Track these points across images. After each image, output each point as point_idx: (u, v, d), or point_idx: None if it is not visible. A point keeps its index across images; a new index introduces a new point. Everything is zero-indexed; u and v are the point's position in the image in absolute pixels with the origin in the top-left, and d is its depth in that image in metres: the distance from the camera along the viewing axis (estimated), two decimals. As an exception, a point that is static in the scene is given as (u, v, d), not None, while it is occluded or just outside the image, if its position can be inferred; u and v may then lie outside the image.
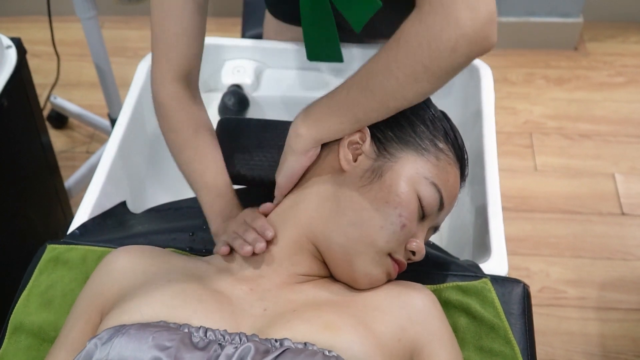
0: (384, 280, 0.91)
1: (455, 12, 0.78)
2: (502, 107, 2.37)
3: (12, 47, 1.51)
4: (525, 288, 1.00)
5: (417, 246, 0.89)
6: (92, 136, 2.34)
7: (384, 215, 0.87)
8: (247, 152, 1.10)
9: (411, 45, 0.81)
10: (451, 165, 0.93)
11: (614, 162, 2.21)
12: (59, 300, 1.01)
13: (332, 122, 0.90)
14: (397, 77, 0.83)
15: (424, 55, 0.81)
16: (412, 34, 0.81)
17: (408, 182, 0.88)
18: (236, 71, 1.44)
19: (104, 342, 0.75)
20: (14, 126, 1.56)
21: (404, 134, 0.92)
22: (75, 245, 1.06)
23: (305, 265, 0.91)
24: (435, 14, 0.79)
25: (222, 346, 0.76)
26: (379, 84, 0.85)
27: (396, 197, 0.87)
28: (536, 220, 2.06)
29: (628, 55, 2.58)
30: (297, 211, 0.92)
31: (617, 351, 1.76)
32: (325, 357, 0.74)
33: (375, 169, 0.89)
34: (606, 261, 1.96)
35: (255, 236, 0.91)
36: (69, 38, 2.38)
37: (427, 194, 0.89)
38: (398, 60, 0.82)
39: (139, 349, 0.73)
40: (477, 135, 1.31)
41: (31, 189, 1.68)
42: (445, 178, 0.91)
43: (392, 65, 0.83)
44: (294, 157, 0.93)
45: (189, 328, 0.78)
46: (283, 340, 0.77)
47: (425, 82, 0.83)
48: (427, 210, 0.89)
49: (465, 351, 0.94)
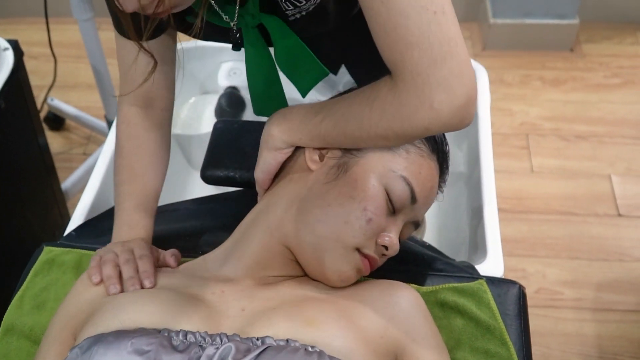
0: (355, 276, 0.89)
1: (430, 95, 0.75)
2: (498, 108, 2.37)
3: (9, 49, 1.51)
4: (521, 289, 1.00)
5: (389, 241, 0.88)
6: (89, 138, 2.34)
7: (349, 210, 0.86)
8: (242, 155, 1.10)
9: (385, 115, 0.80)
10: (424, 158, 0.91)
11: (610, 163, 2.21)
12: (51, 303, 1.01)
13: (302, 136, 0.91)
14: (369, 132, 0.83)
15: (397, 127, 0.80)
16: (386, 103, 0.80)
17: (374, 176, 0.88)
18: (232, 73, 1.45)
19: (84, 350, 0.76)
20: (11, 128, 1.56)
21: None
22: (71, 249, 1.06)
23: (277, 268, 0.92)
24: (408, 93, 0.76)
25: (203, 347, 0.76)
26: (351, 130, 0.85)
27: (362, 191, 0.87)
28: (532, 222, 2.06)
29: (624, 56, 2.58)
30: (267, 214, 0.93)
31: (614, 352, 1.77)
32: (308, 352, 0.74)
33: (341, 165, 0.90)
34: (602, 262, 1.96)
35: (132, 275, 0.90)
36: (66, 40, 2.38)
37: (395, 188, 0.88)
38: (371, 121, 0.82)
39: (118, 355, 0.74)
40: (473, 136, 1.32)
41: (28, 191, 1.68)
42: (416, 171, 0.89)
43: (364, 122, 0.83)
44: (269, 153, 0.94)
45: (169, 332, 0.78)
46: (264, 339, 0.77)
47: (394, 141, 0.84)
48: (397, 204, 0.88)
49: (460, 352, 0.94)
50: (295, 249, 0.90)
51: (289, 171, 0.95)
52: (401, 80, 0.76)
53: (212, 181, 1.11)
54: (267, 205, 0.94)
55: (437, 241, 1.37)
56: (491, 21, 2.56)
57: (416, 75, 0.75)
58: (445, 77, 0.74)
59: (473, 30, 2.70)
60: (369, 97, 0.82)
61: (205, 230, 1.07)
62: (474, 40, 2.67)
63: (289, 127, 0.92)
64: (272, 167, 0.95)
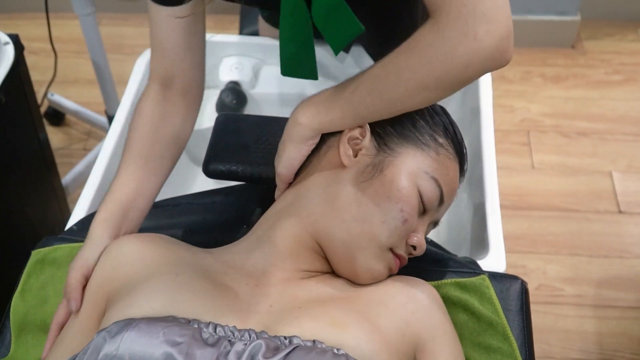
0: (386, 275, 0.90)
1: (474, 26, 0.76)
2: (500, 105, 2.37)
3: (10, 43, 1.51)
4: (523, 284, 1.00)
5: (418, 241, 0.89)
6: (89, 133, 2.34)
7: (386, 210, 0.87)
8: (245, 149, 1.10)
9: (425, 57, 0.80)
10: (450, 160, 0.93)
11: (611, 160, 2.21)
12: (53, 299, 1.01)
13: (334, 115, 0.90)
14: (407, 84, 0.83)
15: (437, 68, 0.80)
16: (426, 45, 0.80)
17: (409, 176, 0.88)
18: (234, 68, 1.44)
19: (113, 335, 0.75)
20: (11, 123, 1.56)
21: (404, 129, 0.91)
22: (59, 246, 1.05)
23: (307, 261, 0.91)
24: (452, 26, 0.77)
25: (232, 342, 0.76)
26: (388, 88, 0.84)
27: (397, 192, 0.87)
28: (533, 218, 2.06)
29: (625, 53, 2.58)
30: (299, 208, 0.92)
31: (614, 349, 1.77)
32: (335, 355, 0.74)
33: (376, 164, 0.89)
34: (603, 259, 1.96)
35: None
36: (67, 35, 2.37)
37: (427, 189, 0.89)
38: (410, 69, 0.82)
39: (150, 343, 0.73)
40: (475, 133, 1.31)
41: (28, 186, 1.68)
42: (445, 173, 0.91)
43: (403, 73, 0.82)
44: (293, 146, 0.93)
45: (199, 324, 0.78)
46: (292, 338, 0.77)
47: (434, 91, 0.83)
48: (427, 205, 0.89)
49: (463, 347, 0.94)
50: (326, 245, 0.90)
51: (317, 165, 0.94)
52: (445, 15, 0.78)
53: (214, 175, 1.10)
54: (297, 198, 0.93)
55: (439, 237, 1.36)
56: (492, 18, 2.55)
57: (462, 6, 0.76)
58: (489, 8, 0.76)
59: (474, 27, 2.70)
60: (408, 46, 0.82)
61: (207, 225, 1.06)
62: (475, 36, 2.66)
63: (316, 110, 0.91)
64: (296, 160, 0.94)
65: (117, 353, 0.73)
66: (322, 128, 0.92)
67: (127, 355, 0.73)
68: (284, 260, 0.90)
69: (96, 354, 0.74)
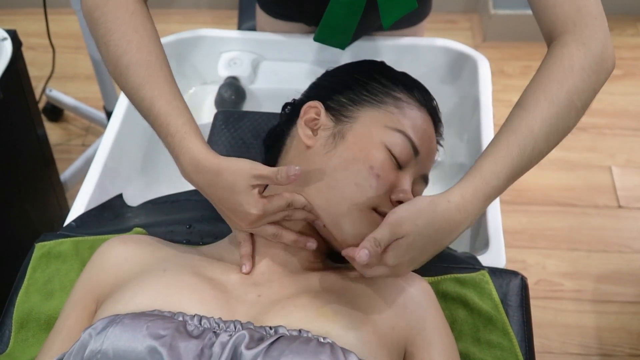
0: None
1: (602, 24, 0.85)
2: (499, 99, 2.35)
3: (8, 39, 1.50)
4: (523, 280, 1.00)
5: (405, 196, 0.87)
6: (87, 129, 2.33)
7: (356, 172, 0.87)
8: (243, 144, 1.10)
9: (585, 70, 0.83)
10: (415, 110, 0.93)
11: (610, 154, 2.21)
12: (58, 293, 1.00)
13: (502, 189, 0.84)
14: (577, 107, 0.84)
15: (594, 77, 0.84)
16: (580, 60, 0.84)
17: (370, 135, 0.89)
18: (233, 63, 1.44)
19: (98, 332, 0.75)
20: (9, 119, 1.56)
21: (357, 95, 0.93)
22: (64, 239, 1.05)
23: (296, 252, 0.91)
24: (594, 34, 0.83)
25: (217, 334, 0.76)
26: (560, 122, 0.84)
27: (361, 151, 0.87)
28: (532, 213, 2.06)
29: (624, 48, 2.58)
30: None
31: (613, 344, 1.77)
32: (320, 343, 0.75)
33: (336, 134, 0.90)
34: (602, 254, 1.96)
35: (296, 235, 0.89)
36: (65, 30, 2.37)
37: (394, 142, 0.89)
38: (579, 90, 0.84)
39: (133, 338, 0.73)
40: (474, 127, 1.31)
41: (27, 182, 1.68)
42: (411, 124, 0.91)
43: (573, 97, 0.84)
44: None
45: (184, 316, 0.78)
46: (277, 328, 0.77)
47: (586, 109, 0.86)
48: (401, 158, 0.89)
49: (463, 343, 0.94)
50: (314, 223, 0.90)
51: (286, 157, 0.95)
52: (584, 26, 0.85)
53: (212, 171, 1.10)
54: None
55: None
56: (492, 12, 2.55)
57: (598, 14, 0.87)
58: (602, 12, 0.87)
59: (474, 21, 2.70)
60: (562, 67, 0.86)
61: (205, 221, 1.06)
62: (475, 31, 2.66)
63: (469, 202, 0.81)
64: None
65: (102, 349, 0.73)
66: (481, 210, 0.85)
67: (110, 350, 0.73)
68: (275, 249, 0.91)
69: (82, 351, 0.75)
